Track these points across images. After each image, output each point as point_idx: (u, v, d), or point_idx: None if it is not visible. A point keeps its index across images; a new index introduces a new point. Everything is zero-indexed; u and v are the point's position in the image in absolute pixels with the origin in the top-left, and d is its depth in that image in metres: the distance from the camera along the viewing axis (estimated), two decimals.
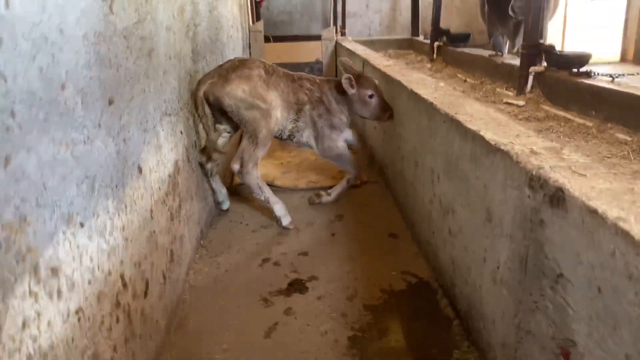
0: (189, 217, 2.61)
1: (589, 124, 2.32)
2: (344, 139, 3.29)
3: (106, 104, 1.56)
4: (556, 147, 1.59)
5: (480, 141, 1.78)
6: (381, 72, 3.60)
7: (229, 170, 3.99)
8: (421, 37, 6.27)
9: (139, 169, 1.86)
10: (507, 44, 3.87)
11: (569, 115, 2.49)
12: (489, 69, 3.64)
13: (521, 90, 2.97)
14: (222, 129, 3.14)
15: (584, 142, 2.09)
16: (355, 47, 5.77)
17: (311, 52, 6.97)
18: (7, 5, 1.04)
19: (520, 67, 2.95)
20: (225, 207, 3.30)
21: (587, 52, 2.73)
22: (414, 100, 2.69)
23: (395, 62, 4.31)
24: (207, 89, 2.83)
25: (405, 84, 2.91)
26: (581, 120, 2.40)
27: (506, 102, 2.85)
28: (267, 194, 3.07)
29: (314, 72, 6.58)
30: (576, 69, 2.65)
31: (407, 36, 6.93)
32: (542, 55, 2.88)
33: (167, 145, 2.27)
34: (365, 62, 4.42)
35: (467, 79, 3.75)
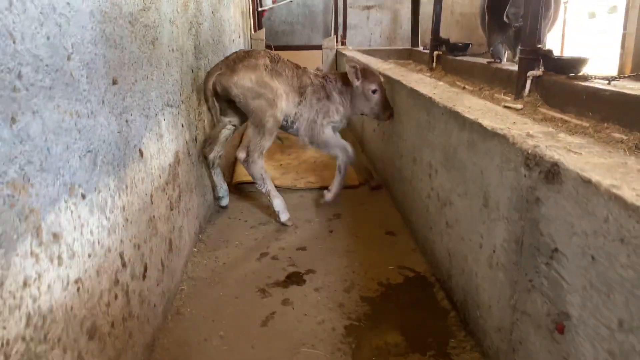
0: (188, 210, 2.62)
1: (586, 124, 2.34)
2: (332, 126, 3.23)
3: (110, 83, 1.58)
4: (552, 132, 1.62)
5: (477, 128, 1.81)
6: (381, 73, 3.64)
7: (229, 168, 4.01)
8: (421, 47, 6.34)
9: (140, 153, 1.88)
10: (506, 53, 3.92)
11: (566, 117, 2.52)
12: (488, 75, 3.67)
13: (519, 94, 3.00)
14: (227, 121, 3.17)
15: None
16: (355, 55, 5.84)
17: (312, 60, 7.05)
18: None
19: (518, 71, 2.99)
20: (224, 203, 3.31)
21: (585, 56, 2.78)
22: (414, 97, 2.73)
23: (394, 67, 4.36)
24: (215, 80, 2.89)
25: (404, 82, 2.95)
26: (578, 121, 2.42)
27: (504, 106, 2.88)
28: (269, 187, 3.09)
29: None
30: (573, 73, 2.69)
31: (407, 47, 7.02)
32: (540, 60, 2.92)
33: (168, 135, 2.30)
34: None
35: (466, 86, 3.78)
